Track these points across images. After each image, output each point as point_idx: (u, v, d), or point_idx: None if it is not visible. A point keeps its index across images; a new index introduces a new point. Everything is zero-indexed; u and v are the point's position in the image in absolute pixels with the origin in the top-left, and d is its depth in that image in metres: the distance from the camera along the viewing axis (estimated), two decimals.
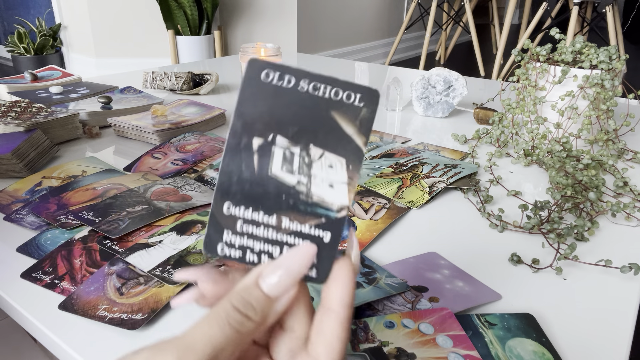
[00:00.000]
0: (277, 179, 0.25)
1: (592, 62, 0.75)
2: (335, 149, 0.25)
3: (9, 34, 3.23)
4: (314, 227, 0.26)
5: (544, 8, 2.69)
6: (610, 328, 0.40)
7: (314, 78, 0.25)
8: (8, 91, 0.95)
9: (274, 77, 0.25)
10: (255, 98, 0.25)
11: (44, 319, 0.40)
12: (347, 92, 0.25)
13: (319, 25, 2.96)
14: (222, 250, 0.26)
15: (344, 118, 0.25)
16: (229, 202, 0.26)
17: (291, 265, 0.25)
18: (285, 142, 0.25)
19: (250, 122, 0.25)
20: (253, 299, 0.24)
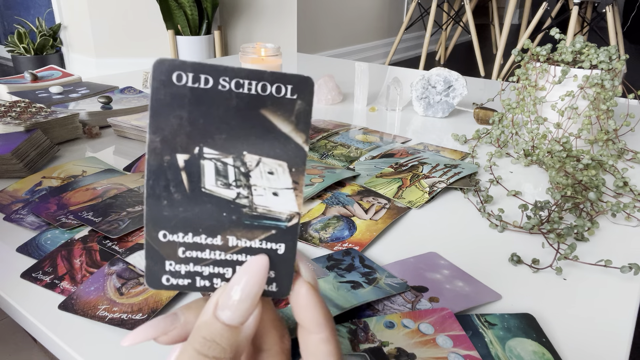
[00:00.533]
0: (213, 195, 0.23)
1: (592, 62, 0.75)
2: (272, 152, 0.23)
3: (9, 34, 3.23)
4: (264, 240, 0.23)
5: (544, 8, 2.69)
6: (610, 328, 0.40)
7: (235, 74, 0.22)
8: (8, 91, 0.95)
9: (188, 79, 0.21)
10: (170, 107, 0.22)
11: (44, 319, 0.40)
12: (275, 85, 0.22)
13: (319, 25, 2.96)
14: (168, 281, 0.24)
15: (277, 115, 0.22)
16: (163, 231, 0.23)
17: (246, 287, 0.23)
18: (214, 153, 0.22)
19: (169, 137, 0.22)
20: (217, 336, 0.22)
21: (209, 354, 0.22)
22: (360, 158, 0.74)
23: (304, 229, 0.54)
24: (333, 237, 0.52)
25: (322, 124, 0.90)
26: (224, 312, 0.22)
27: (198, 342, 0.22)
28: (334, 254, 0.48)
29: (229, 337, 0.22)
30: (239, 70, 0.22)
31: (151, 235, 0.23)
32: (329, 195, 0.61)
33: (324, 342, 0.24)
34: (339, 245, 0.51)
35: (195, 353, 0.22)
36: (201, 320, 0.23)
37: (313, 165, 0.68)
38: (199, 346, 0.22)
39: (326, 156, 0.75)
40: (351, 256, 0.48)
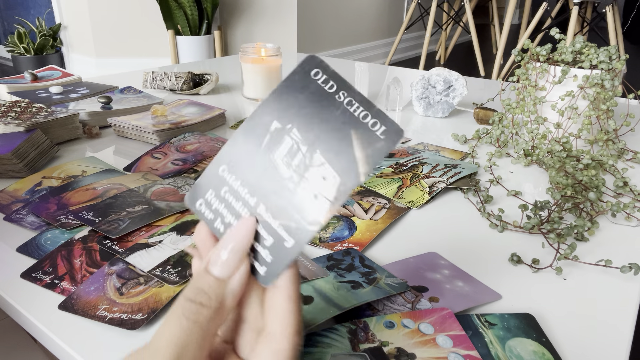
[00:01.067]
0: (275, 165, 0.26)
1: (592, 62, 0.75)
2: (337, 164, 0.25)
3: (9, 34, 3.23)
4: (282, 227, 0.25)
5: (544, 8, 2.69)
6: (610, 328, 0.40)
7: (353, 94, 0.25)
8: (8, 91, 0.95)
9: (321, 78, 0.26)
10: (297, 89, 0.26)
11: (44, 319, 0.40)
12: (374, 119, 0.25)
13: (319, 25, 2.96)
14: (200, 206, 0.27)
15: (360, 141, 0.25)
16: (224, 166, 0.27)
17: (235, 242, 0.25)
18: (298, 137, 0.25)
19: (281, 107, 0.26)
20: (205, 286, 0.25)
21: (196, 299, 0.24)
22: None
23: None
24: (333, 237, 0.52)
25: None
26: (214, 267, 0.25)
27: (190, 291, 0.25)
28: (334, 254, 0.48)
29: (215, 288, 0.25)
30: (357, 93, 0.25)
31: (215, 164, 0.27)
32: None
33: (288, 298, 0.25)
34: (339, 245, 0.51)
35: (184, 299, 0.24)
36: (195, 274, 0.26)
37: None
38: (190, 294, 0.25)
39: None
40: (351, 256, 0.48)
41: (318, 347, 0.36)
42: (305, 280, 0.42)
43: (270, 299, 0.26)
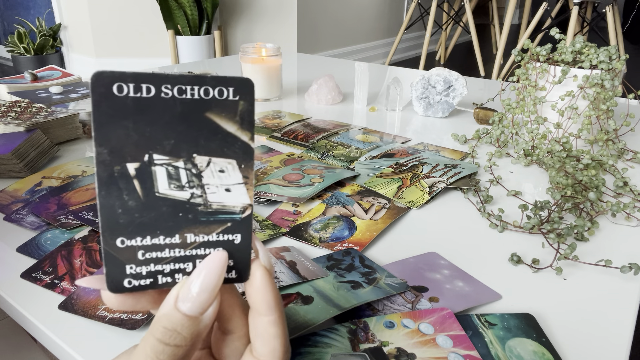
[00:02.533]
0: (168, 198, 0.23)
1: (592, 62, 0.75)
2: (221, 152, 0.24)
3: (9, 34, 3.23)
4: (221, 233, 0.25)
5: (544, 8, 2.69)
6: (610, 328, 0.40)
7: (176, 81, 0.22)
8: (8, 91, 0.95)
9: (129, 89, 0.22)
10: (115, 118, 0.22)
11: (44, 319, 0.40)
12: (217, 88, 0.23)
13: (319, 25, 2.96)
14: (130, 283, 0.24)
15: (222, 117, 0.23)
16: (121, 238, 0.23)
17: (205, 280, 0.24)
18: (164, 159, 0.23)
19: (117, 148, 0.22)
20: (177, 326, 0.23)
21: (170, 342, 0.23)
22: (360, 158, 0.74)
23: (304, 229, 0.54)
24: (333, 237, 0.52)
25: (322, 124, 0.90)
26: (184, 304, 0.23)
27: (159, 332, 0.23)
28: (334, 254, 0.48)
29: (189, 326, 0.23)
30: (180, 77, 0.22)
31: (109, 244, 0.23)
32: (329, 195, 0.61)
33: (272, 324, 0.25)
34: (339, 245, 0.51)
35: (156, 342, 0.23)
36: (161, 312, 0.23)
37: (313, 165, 0.68)
38: (160, 335, 0.23)
39: (326, 156, 0.75)
40: (351, 256, 0.48)
41: (318, 347, 0.36)
42: (305, 280, 0.42)
43: (254, 325, 0.25)
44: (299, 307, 0.39)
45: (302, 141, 0.81)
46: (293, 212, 0.57)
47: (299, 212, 0.57)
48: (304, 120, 0.92)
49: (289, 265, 0.45)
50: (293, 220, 0.56)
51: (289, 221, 0.55)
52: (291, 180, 0.63)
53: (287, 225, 0.55)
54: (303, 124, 0.89)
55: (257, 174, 0.66)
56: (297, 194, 0.60)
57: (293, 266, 0.45)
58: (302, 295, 0.40)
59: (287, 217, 0.56)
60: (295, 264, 0.45)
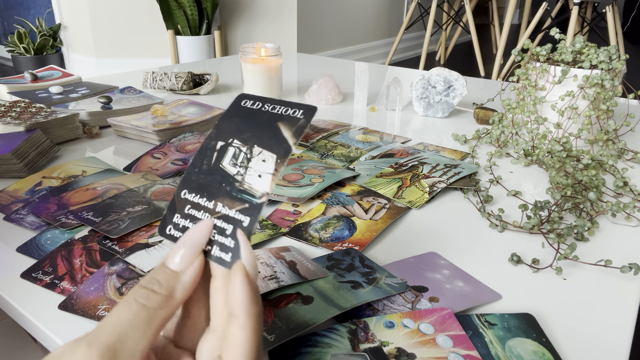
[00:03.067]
0: (224, 170, 0.30)
1: (592, 62, 0.75)
2: (272, 147, 0.29)
3: (9, 34, 3.23)
4: (238, 211, 0.28)
5: (544, 8, 2.69)
6: (610, 328, 0.40)
7: (275, 102, 0.31)
8: (8, 91, 0.95)
9: (248, 103, 0.32)
10: (232, 116, 0.31)
11: (44, 319, 0.40)
12: (293, 109, 0.30)
13: (319, 25, 2.96)
14: (170, 231, 0.30)
15: (285, 126, 0.30)
16: (185, 190, 0.30)
17: (190, 241, 0.27)
18: (238, 143, 0.30)
19: (222, 132, 0.31)
20: (158, 276, 0.26)
21: (149, 286, 0.26)
22: (360, 158, 0.74)
23: (304, 229, 0.54)
24: (333, 237, 0.52)
25: (322, 124, 0.90)
26: (171, 260, 0.27)
27: (145, 279, 0.27)
28: (334, 254, 0.48)
29: (168, 278, 0.26)
30: (279, 101, 0.31)
31: (177, 191, 0.30)
32: (329, 195, 0.61)
33: (243, 329, 0.25)
34: (339, 245, 0.51)
35: (138, 287, 0.26)
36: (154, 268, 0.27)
37: (313, 165, 0.68)
38: (144, 281, 0.26)
39: (326, 156, 0.75)
40: (351, 256, 0.48)
41: (318, 347, 0.36)
42: (305, 280, 0.42)
43: (227, 328, 0.26)
44: (299, 307, 0.39)
45: (302, 141, 0.81)
46: (293, 212, 0.57)
47: (299, 212, 0.57)
48: None
49: (289, 265, 0.45)
50: (293, 220, 0.56)
51: (289, 221, 0.55)
52: (291, 180, 0.63)
53: (287, 225, 0.55)
54: None
55: None
56: (297, 194, 0.60)
57: (293, 266, 0.45)
58: (302, 295, 0.40)
59: (287, 217, 0.56)
60: (295, 264, 0.45)
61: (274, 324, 0.37)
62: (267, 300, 0.40)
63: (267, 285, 0.41)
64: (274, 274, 0.43)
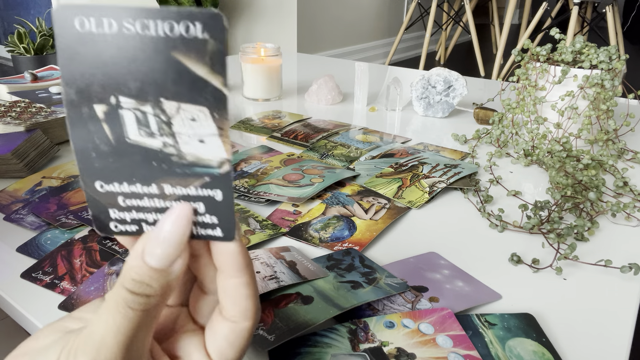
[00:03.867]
0: (139, 145, 0.22)
1: (592, 62, 0.75)
2: (191, 97, 0.21)
3: (9, 34, 3.23)
4: (199, 187, 0.23)
5: (544, 8, 2.69)
6: (610, 328, 0.40)
7: (138, 14, 0.20)
8: (8, 91, 0.95)
9: (92, 24, 0.20)
10: (79, 55, 0.21)
11: (44, 319, 0.40)
12: (183, 22, 0.20)
13: (319, 25, 2.96)
14: (116, 227, 0.25)
15: (190, 57, 0.21)
16: (99, 182, 0.23)
17: (170, 234, 0.23)
18: (131, 102, 0.22)
19: (83, 87, 0.21)
20: (146, 277, 0.23)
21: (140, 292, 0.23)
22: (360, 158, 0.74)
23: (304, 229, 0.54)
24: (333, 237, 0.52)
25: (322, 124, 0.90)
26: (151, 258, 0.23)
27: (129, 283, 0.23)
28: (334, 254, 0.48)
29: (158, 278, 0.23)
30: (142, 9, 0.20)
31: (89, 187, 0.23)
32: (329, 195, 0.61)
33: (243, 285, 0.25)
34: (339, 245, 0.51)
35: (126, 292, 0.23)
36: (130, 264, 0.23)
37: (313, 165, 0.68)
38: (130, 286, 0.23)
39: (326, 156, 0.75)
40: (351, 256, 0.48)
41: (318, 347, 0.36)
42: (305, 280, 0.42)
43: (224, 287, 0.25)
44: (299, 307, 0.39)
45: (302, 141, 0.81)
46: (293, 212, 0.57)
47: (299, 212, 0.57)
48: (304, 120, 0.92)
49: (289, 265, 0.45)
50: (293, 220, 0.56)
51: (289, 221, 0.55)
52: (291, 180, 0.63)
53: (287, 225, 0.55)
54: (303, 124, 0.89)
55: (257, 174, 0.66)
56: (297, 194, 0.60)
57: (293, 266, 0.45)
58: (302, 295, 0.40)
59: (287, 217, 0.56)
60: (295, 264, 0.45)
61: (274, 324, 0.37)
62: (267, 300, 0.40)
63: (267, 285, 0.41)
64: (274, 274, 0.43)
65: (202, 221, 0.24)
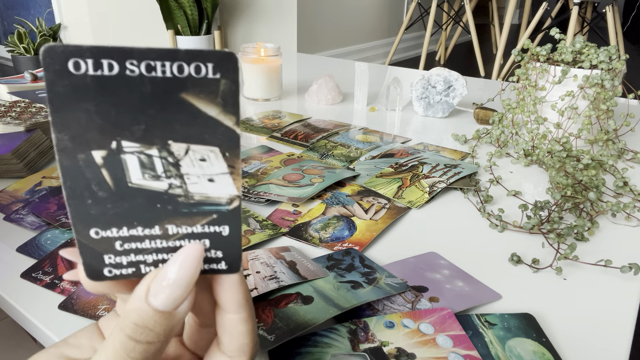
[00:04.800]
0: (142, 189, 0.21)
1: (592, 62, 0.75)
2: (201, 138, 0.21)
3: (9, 34, 3.23)
4: (206, 225, 0.22)
5: (544, 8, 2.69)
6: (610, 328, 0.40)
7: (143, 55, 0.19)
8: (8, 91, 0.95)
9: (88, 67, 0.19)
10: (73, 100, 0.19)
11: (44, 319, 0.40)
12: (194, 64, 0.20)
13: (319, 25, 2.96)
14: (111, 272, 0.23)
15: (200, 98, 0.20)
16: (95, 229, 0.22)
17: (179, 274, 0.22)
18: (135, 146, 0.20)
19: (80, 133, 0.20)
20: (149, 322, 0.21)
21: (142, 339, 0.21)
22: (360, 158, 0.74)
23: (304, 229, 0.54)
24: (333, 237, 0.52)
25: (322, 124, 0.90)
26: (156, 299, 0.21)
27: (129, 328, 0.21)
28: (334, 254, 0.48)
29: (162, 322, 0.22)
30: (147, 50, 0.19)
31: (82, 234, 0.22)
32: (329, 195, 0.61)
33: (241, 322, 0.24)
34: (339, 245, 0.51)
35: (127, 339, 0.21)
36: (131, 306, 0.22)
37: (313, 165, 0.68)
38: (130, 332, 0.21)
39: (326, 156, 0.75)
40: (351, 256, 0.48)
41: (318, 347, 0.36)
42: (305, 280, 0.42)
43: (222, 322, 0.25)
44: (299, 307, 0.39)
45: (302, 141, 0.81)
46: (293, 212, 0.57)
47: (299, 212, 0.57)
48: (304, 120, 0.92)
49: (289, 265, 0.45)
50: (293, 220, 0.56)
51: (289, 221, 0.55)
52: (291, 180, 0.63)
53: (287, 225, 0.55)
54: (303, 124, 0.89)
55: (257, 174, 0.66)
56: (297, 194, 0.60)
57: (293, 266, 0.45)
58: (302, 295, 0.40)
59: (287, 217, 0.56)
60: (295, 264, 0.45)
61: (274, 324, 0.37)
62: (267, 300, 0.40)
63: (267, 285, 0.41)
64: (274, 274, 0.43)
65: (207, 256, 0.23)
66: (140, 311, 0.21)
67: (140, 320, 0.21)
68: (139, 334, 0.21)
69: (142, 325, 0.21)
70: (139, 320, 0.21)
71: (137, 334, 0.21)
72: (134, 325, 0.21)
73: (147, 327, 0.21)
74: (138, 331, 0.21)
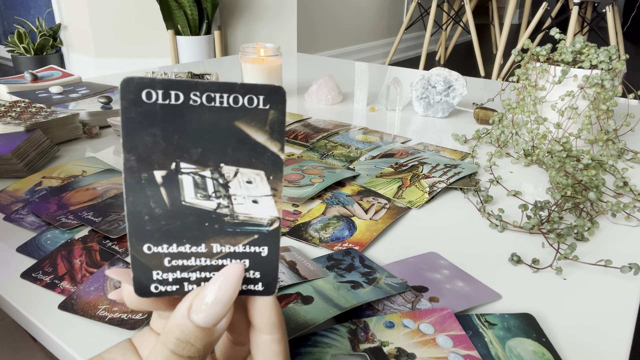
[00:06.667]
0: (194, 207, 0.23)
1: (592, 62, 0.75)
2: (249, 162, 0.23)
3: (9, 34, 3.23)
4: (247, 245, 0.24)
5: (544, 8, 2.69)
6: (610, 328, 0.40)
7: (205, 88, 0.22)
8: (8, 91, 0.95)
9: (158, 96, 0.22)
10: (143, 125, 0.22)
11: (44, 319, 0.40)
12: (247, 96, 0.22)
13: (319, 25, 2.96)
14: (157, 289, 0.24)
15: (251, 126, 0.23)
16: (148, 244, 0.24)
17: (220, 292, 0.23)
18: (191, 168, 0.23)
19: (145, 155, 0.22)
20: (191, 338, 0.23)
21: (184, 354, 0.23)
22: (360, 158, 0.74)
23: (304, 229, 0.54)
24: (333, 237, 0.52)
25: (322, 124, 0.90)
26: (197, 315, 0.23)
27: (172, 343, 0.23)
28: (334, 254, 0.48)
29: (202, 338, 0.23)
30: (209, 84, 0.22)
31: (136, 249, 0.24)
32: (329, 195, 0.61)
33: (275, 342, 0.25)
34: (339, 245, 0.51)
35: (169, 353, 0.23)
36: (174, 322, 0.23)
37: (313, 165, 0.68)
38: (173, 346, 0.23)
39: (326, 156, 0.75)
40: (351, 256, 0.48)
41: (318, 347, 0.36)
42: (305, 280, 0.42)
43: (257, 342, 0.25)
44: (299, 307, 0.39)
45: (302, 141, 0.81)
46: (293, 212, 0.57)
47: (299, 212, 0.57)
48: (304, 120, 0.92)
49: (289, 265, 0.45)
50: (293, 220, 0.56)
51: (289, 221, 0.55)
52: (291, 180, 0.63)
53: (287, 225, 0.55)
54: (303, 124, 0.89)
55: None
56: (297, 194, 0.60)
57: (293, 266, 0.45)
58: (302, 295, 0.40)
59: (287, 217, 0.56)
60: (295, 264, 0.45)
61: None
62: None
63: None
64: None
65: (246, 276, 0.25)
66: (183, 327, 0.23)
67: (182, 335, 0.23)
68: (181, 348, 0.23)
69: (184, 340, 0.23)
70: (181, 336, 0.23)
71: (180, 349, 0.23)
72: (177, 340, 0.23)
73: (189, 342, 0.23)
74: (180, 346, 0.23)
